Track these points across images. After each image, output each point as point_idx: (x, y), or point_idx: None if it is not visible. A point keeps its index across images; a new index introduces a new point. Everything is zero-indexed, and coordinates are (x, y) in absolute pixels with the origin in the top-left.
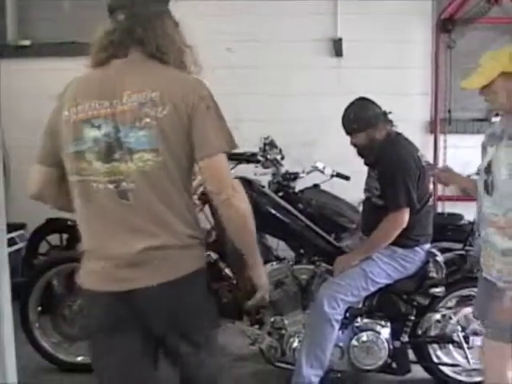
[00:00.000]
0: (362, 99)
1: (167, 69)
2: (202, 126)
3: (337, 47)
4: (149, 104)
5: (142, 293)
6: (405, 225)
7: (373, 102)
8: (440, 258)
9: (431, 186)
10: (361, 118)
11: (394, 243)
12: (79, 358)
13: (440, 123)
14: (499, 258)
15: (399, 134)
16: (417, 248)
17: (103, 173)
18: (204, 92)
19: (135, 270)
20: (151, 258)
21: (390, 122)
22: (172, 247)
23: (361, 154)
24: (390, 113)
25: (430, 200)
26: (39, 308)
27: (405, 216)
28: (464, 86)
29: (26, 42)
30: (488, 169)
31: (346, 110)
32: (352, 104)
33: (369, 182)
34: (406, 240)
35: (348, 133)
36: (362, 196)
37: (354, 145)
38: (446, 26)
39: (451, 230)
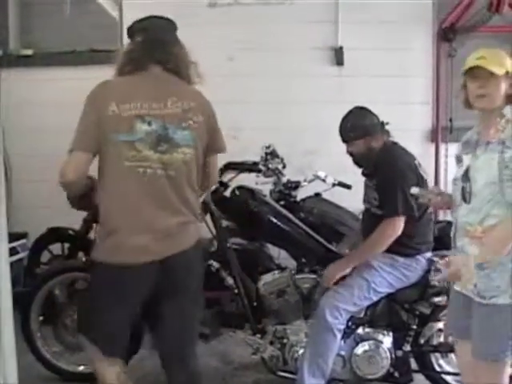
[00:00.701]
0: (360, 108)
1: (184, 83)
2: (216, 131)
3: (338, 56)
4: (191, 111)
5: (173, 258)
6: (399, 233)
7: (370, 112)
8: (441, 265)
9: None
10: (358, 126)
11: (395, 252)
12: (81, 368)
13: (441, 132)
14: (475, 271)
15: (395, 144)
16: (418, 257)
17: (152, 160)
18: (210, 105)
19: (169, 241)
20: (180, 231)
21: (387, 132)
22: (191, 222)
23: (357, 163)
24: (388, 123)
25: (430, 208)
26: (41, 317)
27: (400, 224)
28: (480, 64)
29: (28, 52)
30: (465, 176)
31: (344, 118)
32: (349, 113)
33: (367, 193)
34: (407, 249)
35: (345, 141)
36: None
37: (351, 154)
38: (446, 34)
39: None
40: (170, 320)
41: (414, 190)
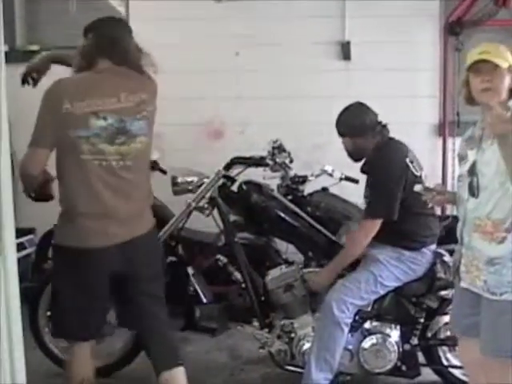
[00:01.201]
0: (358, 105)
1: (136, 74)
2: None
3: (345, 50)
4: (143, 103)
5: (132, 242)
6: (374, 233)
7: (367, 110)
8: (447, 258)
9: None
10: (348, 124)
11: (400, 246)
12: None
13: (448, 126)
14: (485, 267)
15: (391, 139)
16: (424, 249)
17: (107, 153)
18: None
19: (128, 226)
20: (137, 216)
21: (384, 130)
22: (146, 208)
23: (350, 157)
24: (386, 124)
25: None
26: (48, 313)
27: (375, 225)
28: (485, 58)
29: (35, 47)
30: (472, 171)
31: (340, 112)
32: (346, 108)
33: (366, 190)
34: (412, 242)
35: (338, 134)
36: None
37: (345, 148)
38: (453, 28)
39: None
40: (139, 299)
41: (417, 188)
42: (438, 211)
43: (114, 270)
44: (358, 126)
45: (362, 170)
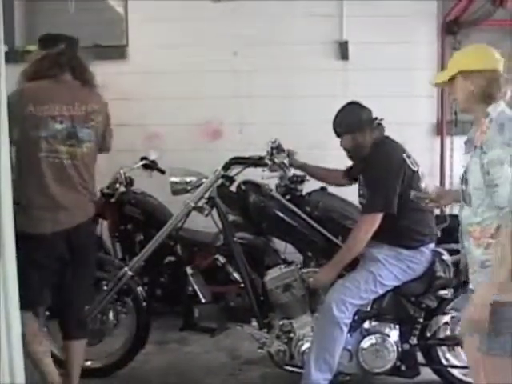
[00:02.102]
0: (352, 103)
1: (88, 88)
2: (107, 130)
3: (343, 50)
4: (93, 113)
5: (76, 228)
6: (375, 228)
7: (361, 107)
8: (446, 256)
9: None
10: (346, 121)
11: (399, 245)
12: (88, 363)
13: (446, 125)
14: (479, 269)
15: (387, 138)
16: (422, 248)
17: (60, 152)
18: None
19: (73, 215)
20: (81, 206)
21: (380, 127)
22: (88, 200)
23: (350, 157)
24: (382, 119)
25: None
26: (47, 312)
27: (376, 220)
28: (430, 81)
29: (34, 48)
30: (463, 178)
31: (336, 113)
32: (341, 109)
33: (361, 189)
34: (410, 241)
35: (337, 135)
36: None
37: (344, 148)
38: (451, 28)
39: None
40: (72, 283)
41: (412, 195)
42: (437, 211)
43: (61, 252)
44: (355, 121)
45: (358, 172)
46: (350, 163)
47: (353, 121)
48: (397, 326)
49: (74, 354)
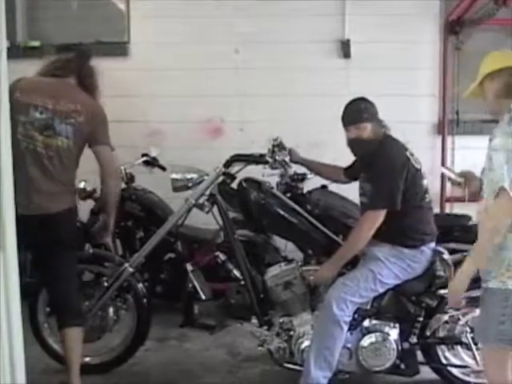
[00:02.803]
0: (361, 98)
1: (85, 94)
2: (97, 129)
3: (345, 48)
4: (76, 112)
5: (51, 215)
6: (378, 225)
7: (371, 103)
8: (447, 255)
9: (438, 187)
10: (356, 110)
11: (399, 244)
12: (87, 359)
13: (448, 124)
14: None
15: (388, 136)
16: (423, 247)
17: (36, 140)
18: (101, 111)
19: (49, 201)
20: (56, 196)
21: (385, 127)
22: (64, 192)
23: (354, 152)
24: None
25: (427, 196)
26: (48, 309)
27: (378, 217)
28: (464, 94)
29: (36, 43)
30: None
31: (351, 103)
32: (354, 100)
33: (363, 186)
34: (411, 240)
35: (351, 124)
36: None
37: (352, 141)
38: (453, 27)
39: (459, 230)
40: (52, 268)
41: (445, 170)
42: (437, 209)
43: (38, 235)
44: (365, 111)
45: (360, 166)
46: (348, 162)
47: (363, 109)
48: (397, 325)
49: (69, 342)
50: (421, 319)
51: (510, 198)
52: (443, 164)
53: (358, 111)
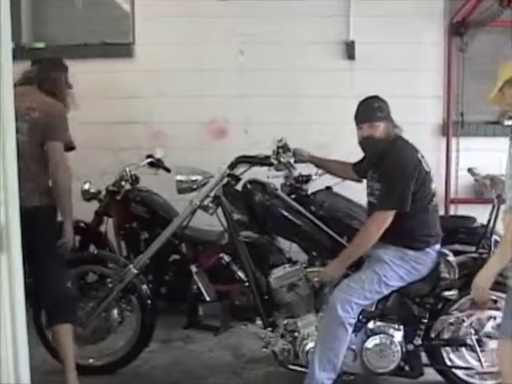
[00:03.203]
0: (374, 97)
1: (44, 95)
2: (52, 126)
3: (349, 50)
4: (31, 109)
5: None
6: (386, 225)
7: (384, 102)
8: (451, 257)
9: (443, 189)
10: (373, 108)
11: (404, 246)
12: (91, 360)
13: (452, 126)
14: None
15: (400, 137)
16: (428, 249)
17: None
18: (57, 109)
19: (29, 196)
20: (29, 192)
21: (397, 126)
22: (37, 189)
23: (365, 149)
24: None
25: (434, 199)
26: None
27: (388, 217)
28: (486, 101)
29: (40, 45)
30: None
31: (366, 101)
32: (369, 97)
33: (371, 185)
34: (416, 242)
35: (367, 121)
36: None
37: (361, 140)
38: (458, 29)
39: (464, 232)
40: (33, 272)
41: (472, 171)
42: (441, 211)
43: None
44: (379, 110)
45: (370, 164)
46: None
47: (376, 110)
48: (401, 327)
49: (60, 338)
50: (425, 321)
51: None
52: (448, 165)
53: (372, 109)
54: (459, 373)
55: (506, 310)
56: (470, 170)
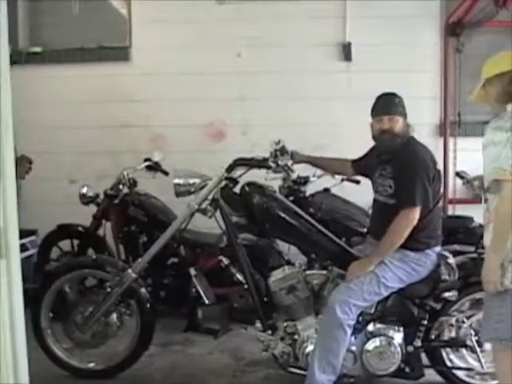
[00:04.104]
0: (394, 93)
1: None
2: None
3: (346, 51)
4: None
5: None
6: (415, 223)
7: (402, 99)
8: (451, 260)
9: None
10: (403, 105)
11: (404, 247)
12: (91, 365)
13: (449, 126)
14: None
15: (412, 137)
16: (428, 251)
17: None
18: None
19: None
20: None
21: (410, 126)
22: None
23: (381, 143)
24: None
25: (440, 202)
26: (51, 314)
27: (416, 214)
28: (469, 99)
29: (37, 49)
30: None
31: (387, 95)
32: (389, 93)
33: (380, 182)
34: (416, 243)
35: (376, 115)
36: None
37: (378, 133)
38: (454, 29)
39: (462, 232)
40: None
41: (460, 174)
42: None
43: None
44: (400, 105)
45: (381, 161)
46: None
47: (397, 104)
48: (401, 328)
49: None
50: (425, 322)
51: None
52: (445, 165)
53: (394, 104)
54: (459, 374)
55: (505, 312)
56: (458, 175)
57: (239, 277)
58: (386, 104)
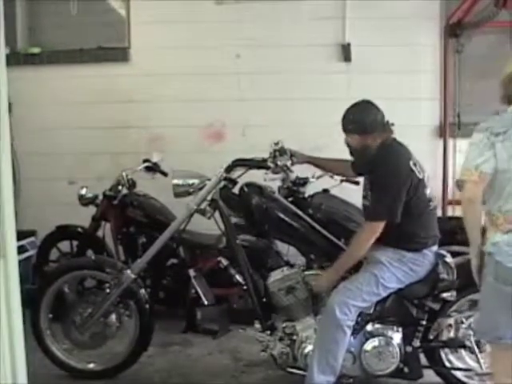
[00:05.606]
0: (367, 103)
1: None
2: None
3: (345, 52)
4: None
5: None
6: (377, 235)
7: (376, 108)
8: (449, 258)
9: (440, 190)
10: (358, 121)
11: (402, 248)
12: (90, 365)
13: (449, 127)
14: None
15: (394, 140)
16: (425, 251)
17: None
18: None
19: None
20: None
21: (390, 130)
22: None
23: (352, 154)
24: (393, 124)
25: (431, 204)
26: (50, 315)
27: (378, 228)
28: None
29: (36, 50)
30: None
31: (348, 109)
32: (356, 104)
33: (365, 191)
34: (414, 244)
35: (344, 131)
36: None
37: (348, 144)
38: (454, 30)
39: (462, 233)
40: None
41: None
42: (439, 212)
43: None
44: (369, 123)
45: (360, 173)
46: None
47: (366, 122)
48: (400, 329)
49: None
50: (424, 323)
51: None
52: (445, 166)
53: (348, 120)
54: (458, 374)
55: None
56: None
57: (238, 278)
58: (343, 121)
